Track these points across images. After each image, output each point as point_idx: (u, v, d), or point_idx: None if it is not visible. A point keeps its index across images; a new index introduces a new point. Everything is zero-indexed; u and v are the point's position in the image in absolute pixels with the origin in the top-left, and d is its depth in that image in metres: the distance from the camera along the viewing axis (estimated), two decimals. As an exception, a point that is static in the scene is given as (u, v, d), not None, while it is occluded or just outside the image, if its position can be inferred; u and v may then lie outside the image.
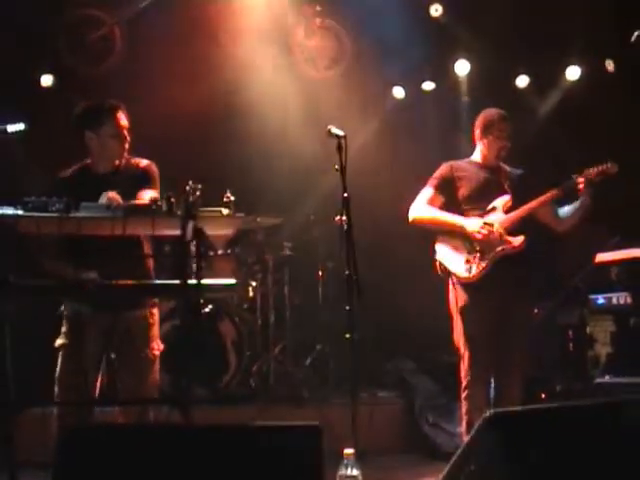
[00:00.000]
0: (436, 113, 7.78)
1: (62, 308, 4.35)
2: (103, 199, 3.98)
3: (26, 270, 3.91)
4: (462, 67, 7.74)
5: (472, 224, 4.89)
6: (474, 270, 4.86)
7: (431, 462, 5.55)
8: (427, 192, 5.07)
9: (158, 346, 4.38)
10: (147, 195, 4.20)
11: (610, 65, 7.40)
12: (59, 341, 4.30)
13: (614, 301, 6.29)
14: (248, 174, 7.15)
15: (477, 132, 5.14)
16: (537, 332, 5.97)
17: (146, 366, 4.31)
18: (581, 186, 4.90)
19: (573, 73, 7.74)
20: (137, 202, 4.09)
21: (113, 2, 7.35)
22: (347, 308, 4.30)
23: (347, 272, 4.27)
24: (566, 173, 5.07)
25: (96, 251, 4.04)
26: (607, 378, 6.24)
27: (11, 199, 3.83)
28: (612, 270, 6.42)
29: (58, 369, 4.25)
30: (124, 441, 3.13)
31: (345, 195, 4.35)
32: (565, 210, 5.05)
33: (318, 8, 7.61)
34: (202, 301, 5.77)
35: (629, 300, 6.20)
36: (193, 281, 3.86)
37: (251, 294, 6.56)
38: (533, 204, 4.93)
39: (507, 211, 4.95)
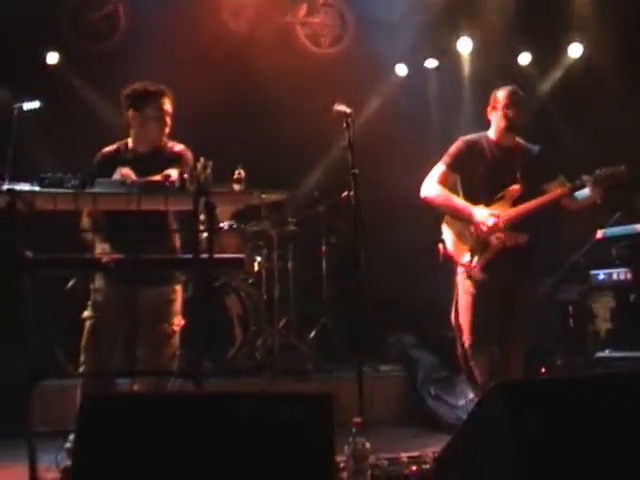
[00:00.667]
0: (438, 90, 7.82)
1: (75, 282, 4.47)
2: (117, 175, 4.08)
3: (44, 245, 4.01)
4: (464, 45, 7.79)
5: (479, 214, 4.87)
6: (476, 260, 4.92)
7: (433, 434, 5.63)
8: (440, 169, 5.02)
9: (179, 322, 4.50)
10: (172, 172, 4.29)
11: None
12: (86, 313, 4.43)
13: (614, 277, 6.39)
14: (252, 150, 7.19)
15: (489, 108, 5.11)
16: (538, 308, 6.06)
17: (166, 340, 4.45)
18: (589, 188, 4.83)
19: (575, 51, 7.80)
20: (150, 178, 4.18)
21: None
22: (352, 282, 4.38)
23: (355, 248, 4.34)
24: (566, 153, 5.15)
25: (126, 227, 4.17)
26: (607, 352, 6.35)
27: (25, 176, 3.94)
28: (613, 246, 6.51)
29: (84, 340, 4.39)
30: (141, 410, 3.23)
31: (353, 171, 4.40)
32: (581, 193, 4.95)
33: (322, -15, 7.68)
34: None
35: (629, 276, 6.30)
36: (204, 255, 3.98)
37: (256, 269, 6.64)
38: (540, 202, 4.89)
39: (515, 202, 4.93)
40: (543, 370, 6.42)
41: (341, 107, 4.49)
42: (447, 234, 5.07)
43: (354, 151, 4.41)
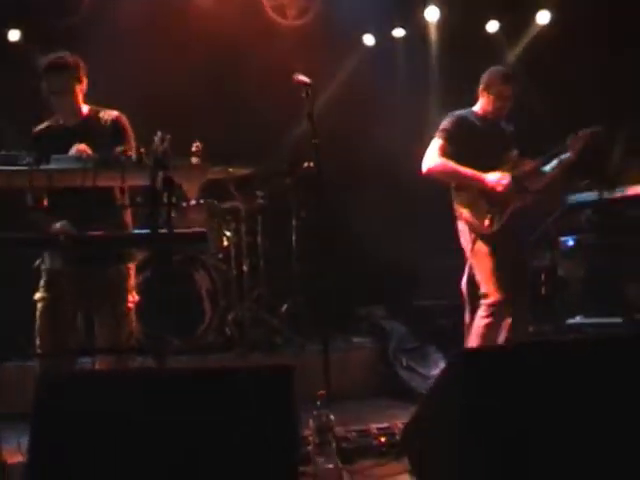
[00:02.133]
0: (406, 60, 7.76)
1: (40, 262, 4.40)
2: (72, 151, 4.02)
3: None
4: (432, 13, 7.72)
5: (492, 178, 5.02)
6: (496, 223, 5.03)
7: (405, 405, 5.61)
8: (438, 143, 5.12)
9: (133, 298, 4.45)
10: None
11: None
12: (37, 294, 4.36)
13: (584, 243, 6.40)
14: (219, 124, 7.15)
15: (481, 88, 5.26)
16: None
17: (122, 319, 4.39)
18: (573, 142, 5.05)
19: (543, 17, 7.75)
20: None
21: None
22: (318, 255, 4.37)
23: (317, 218, 4.32)
24: (535, 122, 5.18)
25: (70, 203, 4.09)
26: (578, 319, 6.37)
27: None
28: (583, 212, 6.52)
29: (37, 321, 4.32)
30: (100, 388, 3.20)
31: (314, 141, 4.37)
32: (546, 168, 5.24)
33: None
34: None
35: (598, 241, 6.31)
36: (164, 231, 3.92)
37: (225, 244, 6.59)
38: (538, 162, 5.17)
39: (516, 165, 5.15)
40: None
41: (301, 77, 4.45)
42: (461, 206, 5.17)
43: (314, 121, 4.34)
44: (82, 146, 4.09)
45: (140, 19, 7.06)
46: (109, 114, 4.52)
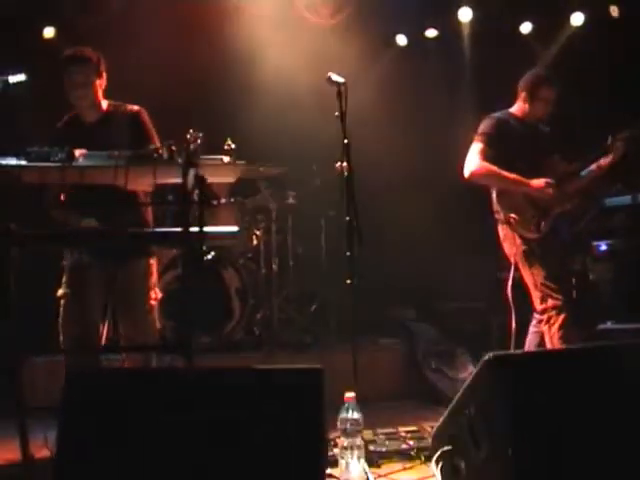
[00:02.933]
0: (439, 60, 7.71)
1: (63, 260, 4.42)
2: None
3: (30, 219, 3.96)
4: (465, 14, 7.67)
5: (538, 183, 4.96)
6: (542, 227, 4.98)
7: (433, 407, 5.59)
8: (478, 147, 5.05)
9: (156, 295, 4.47)
10: None
11: (615, 11, 7.32)
12: (60, 291, 4.38)
13: (616, 248, 6.32)
14: (252, 123, 7.13)
15: (522, 92, 5.19)
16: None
17: (143, 315, 4.42)
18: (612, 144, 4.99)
19: (577, 19, 7.67)
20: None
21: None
22: (347, 254, 4.34)
23: (347, 218, 4.30)
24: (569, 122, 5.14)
25: (90, 200, 4.13)
26: (609, 324, 6.29)
27: (15, 150, 3.87)
28: (616, 216, 6.44)
29: (60, 318, 4.35)
30: (127, 385, 3.20)
31: (345, 141, 4.35)
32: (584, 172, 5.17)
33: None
34: (205, 249, 5.80)
35: (631, 246, 6.24)
36: (195, 229, 3.92)
37: (255, 243, 6.58)
38: (578, 166, 5.09)
39: (558, 169, 5.10)
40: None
41: (334, 77, 4.43)
42: (506, 210, 5.09)
43: (345, 121, 4.33)
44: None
45: (174, 18, 7.08)
46: (130, 109, 4.54)
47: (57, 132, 4.48)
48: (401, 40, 7.93)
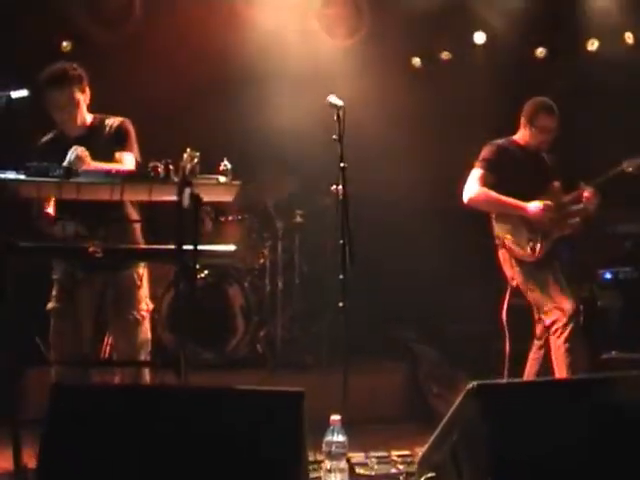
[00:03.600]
0: (453, 83, 7.69)
1: (53, 273, 4.47)
2: (72, 155, 4.05)
3: (18, 232, 4.02)
4: (479, 37, 7.67)
5: (534, 206, 5.02)
6: (538, 250, 5.02)
7: (432, 431, 5.52)
8: (477, 173, 5.14)
9: (147, 306, 4.49)
10: (126, 158, 4.33)
11: (630, 38, 7.31)
12: (50, 304, 4.43)
13: (621, 276, 6.28)
14: (262, 143, 7.19)
15: (522, 119, 5.27)
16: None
17: (134, 327, 4.43)
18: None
19: (592, 45, 7.65)
20: (117, 166, 4.21)
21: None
22: (340, 277, 4.36)
23: (341, 241, 4.32)
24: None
25: (82, 214, 4.18)
26: (613, 354, 6.24)
27: (15, 165, 3.94)
28: (622, 244, 6.40)
29: (51, 332, 4.39)
30: (110, 401, 3.24)
31: (342, 165, 4.38)
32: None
33: (336, -24, 7.60)
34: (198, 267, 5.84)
35: (636, 275, 6.19)
36: (188, 247, 3.96)
37: (261, 260, 6.62)
38: (580, 192, 5.12)
39: (558, 195, 5.15)
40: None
41: (333, 99, 4.46)
42: (502, 233, 5.16)
43: (342, 144, 4.36)
44: (81, 149, 4.11)
45: (189, 35, 7.14)
46: (114, 120, 4.55)
47: (41, 148, 4.49)
48: (416, 62, 7.92)
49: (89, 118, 4.54)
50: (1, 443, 4.28)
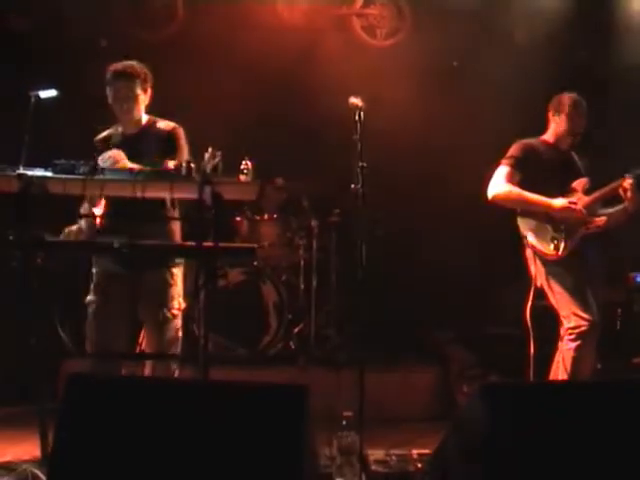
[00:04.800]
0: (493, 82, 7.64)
1: (93, 267, 4.60)
2: (106, 154, 4.20)
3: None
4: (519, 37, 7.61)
5: (559, 203, 4.98)
6: (562, 248, 4.96)
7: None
8: (504, 170, 5.12)
9: (180, 305, 4.60)
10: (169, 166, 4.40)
11: None
12: (88, 297, 4.56)
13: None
14: (305, 143, 7.26)
15: (550, 112, 5.25)
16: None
17: (165, 324, 4.55)
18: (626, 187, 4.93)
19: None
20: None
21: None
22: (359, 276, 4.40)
23: (358, 241, 4.36)
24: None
25: (124, 213, 4.29)
26: (646, 357, 6.18)
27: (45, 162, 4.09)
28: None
29: (87, 324, 4.53)
30: (119, 392, 3.32)
31: (361, 164, 4.42)
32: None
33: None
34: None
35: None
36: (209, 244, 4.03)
37: (295, 258, 6.69)
38: (609, 188, 5.02)
39: (585, 193, 5.07)
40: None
41: (353, 100, 4.51)
42: (527, 229, 5.13)
43: (363, 144, 4.39)
44: (115, 152, 4.29)
45: (230, 34, 7.24)
46: (166, 125, 4.70)
47: (97, 144, 4.68)
48: (455, 63, 7.89)
49: (144, 118, 4.72)
50: (27, 433, 4.43)
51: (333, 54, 7.50)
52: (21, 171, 3.99)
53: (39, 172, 4.03)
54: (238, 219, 6.65)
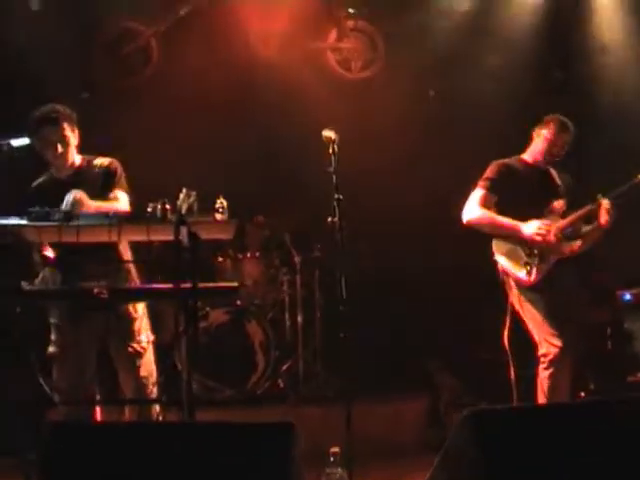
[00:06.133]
0: (467, 109, 7.67)
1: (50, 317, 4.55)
2: (69, 197, 4.16)
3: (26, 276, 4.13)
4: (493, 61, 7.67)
5: (529, 227, 4.95)
6: (534, 274, 4.94)
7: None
8: (478, 194, 5.11)
9: (147, 338, 4.55)
10: (120, 196, 4.46)
11: None
12: (51, 349, 4.50)
13: (642, 297, 6.20)
14: (283, 179, 7.28)
15: (535, 131, 5.20)
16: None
17: (135, 360, 4.51)
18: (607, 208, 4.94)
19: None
20: (114, 205, 4.36)
21: (149, 14, 7.48)
22: (340, 309, 4.38)
23: (338, 273, 4.34)
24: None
25: (78, 257, 4.27)
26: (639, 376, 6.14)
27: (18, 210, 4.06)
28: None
29: (55, 377, 4.47)
30: (103, 438, 3.27)
31: (337, 197, 4.42)
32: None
33: (350, 10, 7.68)
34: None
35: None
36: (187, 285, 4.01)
37: (280, 295, 6.66)
38: (584, 211, 5.02)
39: (562, 214, 5.05)
40: (582, 394, 6.22)
41: (327, 132, 4.52)
42: (500, 254, 5.10)
43: (337, 177, 4.40)
44: (79, 193, 4.23)
45: (206, 74, 7.28)
46: (102, 161, 4.66)
47: (31, 191, 4.59)
48: (431, 93, 7.93)
49: (78, 159, 4.66)
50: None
51: (308, 88, 7.52)
52: (-5, 221, 3.96)
53: (14, 220, 4.00)
54: (220, 259, 6.61)
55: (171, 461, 3.14)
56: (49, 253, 4.50)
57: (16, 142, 4.23)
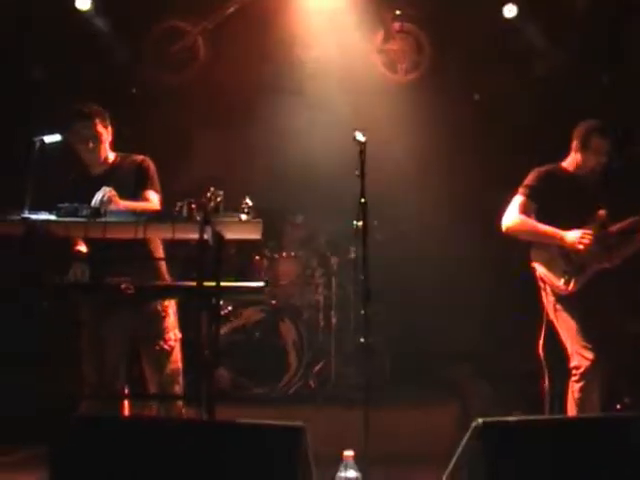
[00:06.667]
0: (512, 114, 7.59)
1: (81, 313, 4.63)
2: (99, 194, 4.21)
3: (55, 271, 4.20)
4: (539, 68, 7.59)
5: (571, 236, 4.87)
6: (572, 283, 4.87)
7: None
8: (518, 200, 5.05)
9: (175, 336, 4.61)
10: (152, 196, 4.52)
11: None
12: (80, 344, 4.58)
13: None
14: (324, 180, 7.28)
15: (574, 143, 5.13)
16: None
17: (162, 357, 4.57)
18: None
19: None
20: (143, 204, 4.43)
21: (197, 13, 7.57)
22: (362, 312, 4.36)
23: (362, 277, 4.32)
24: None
25: (109, 253, 4.33)
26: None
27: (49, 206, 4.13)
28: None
29: (84, 371, 4.54)
30: (116, 433, 3.34)
31: (362, 200, 4.41)
32: None
33: (397, 12, 7.66)
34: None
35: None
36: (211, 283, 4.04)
37: (315, 296, 6.67)
38: (628, 223, 4.95)
39: (604, 225, 4.95)
40: (618, 407, 6.12)
41: (358, 136, 4.52)
42: (539, 262, 5.04)
43: (364, 180, 4.39)
44: (108, 190, 4.28)
45: (250, 72, 7.34)
46: (135, 158, 4.73)
47: (66, 187, 4.68)
48: (476, 96, 7.88)
49: (111, 156, 4.74)
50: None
51: (354, 90, 7.52)
52: (25, 215, 4.03)
53: (43, 216, 4.07)
54: (257, 258, 6.65)
55: (184, 457, 3.19)
56: (82, 248, 4.58)
57: (48, 138, 4.29)
